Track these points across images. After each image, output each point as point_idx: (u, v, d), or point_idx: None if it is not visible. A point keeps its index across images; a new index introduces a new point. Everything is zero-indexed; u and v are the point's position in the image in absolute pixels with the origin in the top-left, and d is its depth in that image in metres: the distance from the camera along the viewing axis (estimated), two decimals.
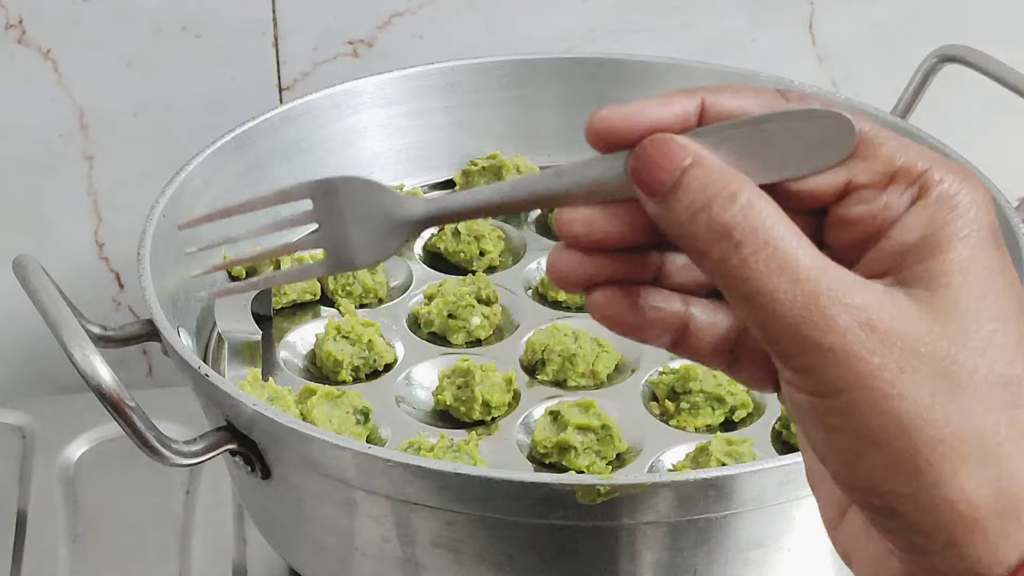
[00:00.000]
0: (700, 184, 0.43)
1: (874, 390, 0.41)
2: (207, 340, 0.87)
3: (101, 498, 1.00)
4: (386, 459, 0.67)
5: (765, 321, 0.42)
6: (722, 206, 0.42)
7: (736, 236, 0.42)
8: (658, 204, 0.43)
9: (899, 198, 0.43)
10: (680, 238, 0.43)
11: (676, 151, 0.43)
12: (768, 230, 0.42)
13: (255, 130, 0.94)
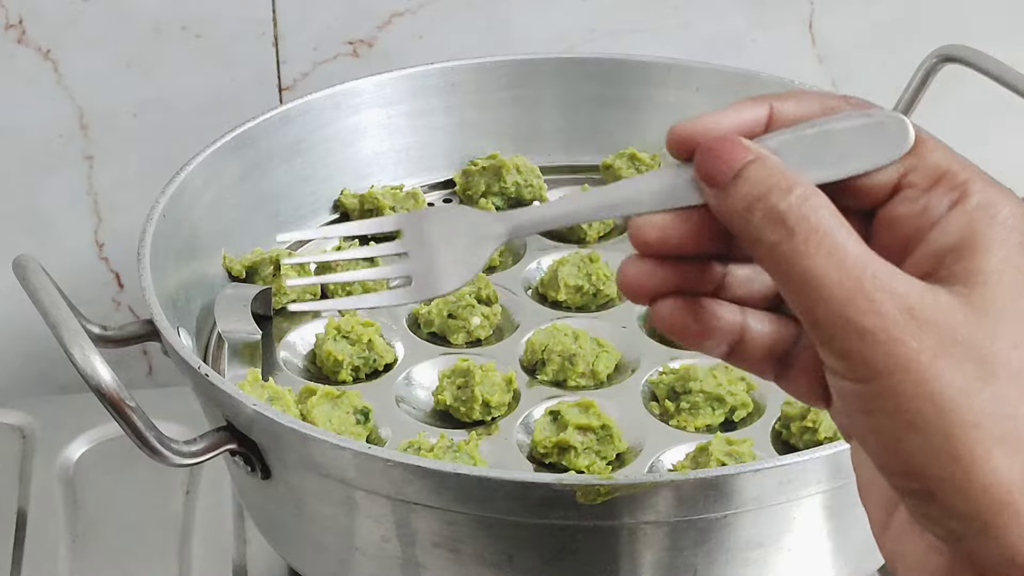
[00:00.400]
0: (759, 176, 0.46)
1: (912, 372, 0.43)
2: (207, 340, 0.87)
3: (101, 498, 1.00)
4: (386, 459, 0.67)
5: (811, 303, 0.44)
6: (778, 196, 0.45)
7: (789, 223, 0.45)
8: (719, 194, 0.47)
9: (939, 201, 0.46)
10: (737, 225, 0.46)
11: (739, 147, 0.47)
12: (820, 219, 0.44)
13: (255, 130, 0.94)
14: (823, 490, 0.69)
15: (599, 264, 0.92)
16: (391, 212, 0.96)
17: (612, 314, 0.91)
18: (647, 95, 1.03)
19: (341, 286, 0.91)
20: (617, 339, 0.88)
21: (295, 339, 0.89)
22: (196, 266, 0.88)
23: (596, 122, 1.05)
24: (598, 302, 0.92)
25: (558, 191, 1.02)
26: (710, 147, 0.47)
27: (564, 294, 0.91)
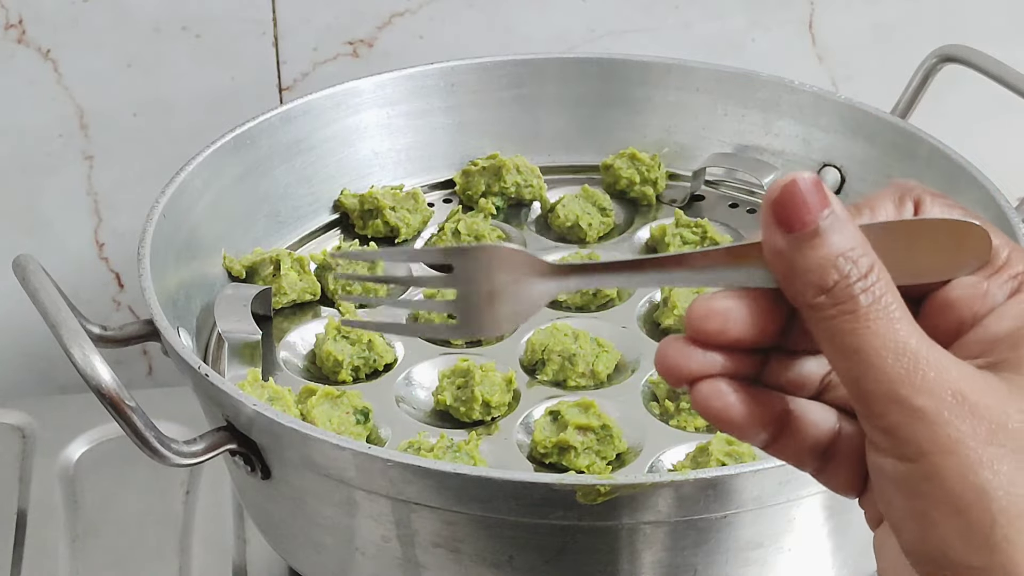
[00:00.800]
0: (842, 241, 0.43)
1: (960, 456, 0.42)
2: (207, 340, 0.87)
3: (101, 498, 1.00)
4: (386, 459, 0.67)
5: (861, 375, 0.43)
6: (857, 273, 0.43)
7: (860, 302, 0.43)
8: (790, 243, 0.43)
9: (998, 289, 0.46)
10: (797, 283, 0.43)
11: (824, 195, 0.44)
12: (884, 294, 0.43)
13: (255, 130, 0.94)
14: (823, 490, 0.69)
15: None
16: (391, 212, 0.96)
17: (612, 314, 0.91)
18: (647, 95, 1.03)
19: (341, 286, 0.91)
20: (617, 339, 0.88)
21: (295, 339, 0.89)
22: (196, 266, 0.88)
23: (596, 122, 1.05)
24: (598, 302, 0.92)
25: (558, 191, 1.02)
26: (795, 189, 0.44)
27: (563, 294, 0.91)
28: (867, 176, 0.97)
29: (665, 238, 0.96)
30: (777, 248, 0.44)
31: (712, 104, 1.02)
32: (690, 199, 1.03)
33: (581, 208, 0.98)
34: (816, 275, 0.43)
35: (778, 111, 1.00)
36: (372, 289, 0.91)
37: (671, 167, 1.04)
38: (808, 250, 0.43)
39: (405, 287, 0.94)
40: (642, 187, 1.01)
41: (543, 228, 1.00)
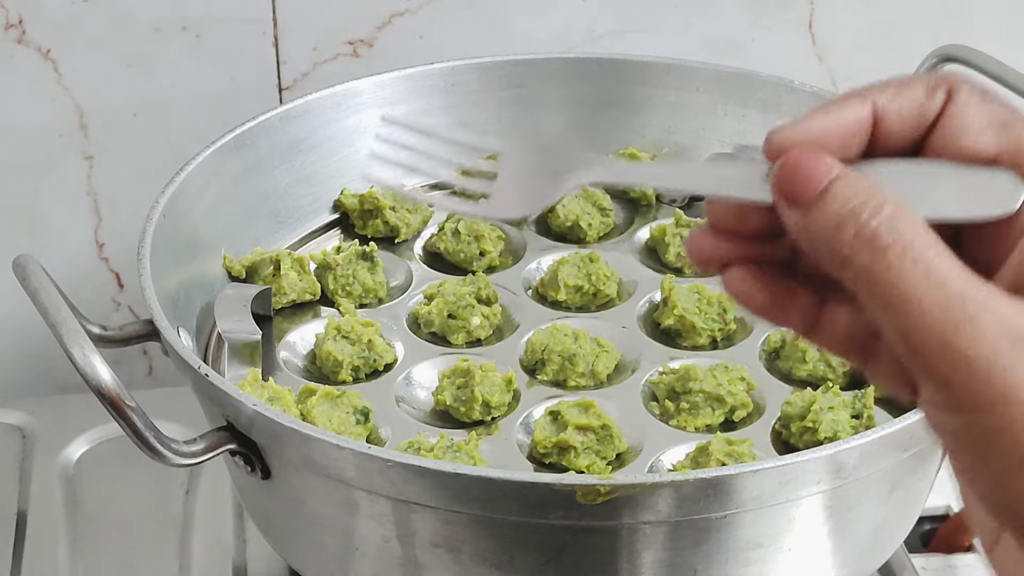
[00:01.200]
0: (848, 193, 0.43)
1: None
2: (207, 340, 0.87)
3: (101, 498, 1.00)
4: (386, 459, 0.67)
5: (909, 328, 0.41)
6: (871, 213, 0.42)
7: (883, 241, 0.42)
8: (801, 214, 0.44)
9: None
10: (823, 247, 0.43)
11: (824, 162, 0.44)
12: (914, 237, 0.42)
13: (255, 130, 0.94)
14: (823, 490, 0.69)
15: (599, 264, 0.92)
16: (391, 212, 0.96)
17: (612, 314, 0.91)
18: (647, 95, 1.03)
19: (341, 286, 0.91)
20: (617, 339, 0.88)
21: (295, 339, 0.89)
22: (196, 266, 0.88)
23: (596, 122, 1.05)
24: (598, 302, 0.92)
25: None
26: (792, 163, 0.44)
27: (564, 294, 0.91)
28: None
29: (665, 238, 0.96)
30: (793, 224, 0.44)
31: (712, 104, 1.02)
32: (690, 199, 1.03)
33: (581, 208, 0.98)
34: (835, 233, 0.43)
35: (778, 111, 1.00)
36: (372, 290, 0.91)
37: None
38: (819, 215, 0.43)
39: (406, 287, 0.94)
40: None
41: (543, 228, 1.00)
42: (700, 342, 0.88)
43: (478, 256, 0.95)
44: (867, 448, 0.68)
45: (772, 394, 0.83)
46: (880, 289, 0.42)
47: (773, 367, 0.87)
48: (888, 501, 0.75)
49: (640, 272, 0.95)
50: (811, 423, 0.78)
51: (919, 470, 0.76)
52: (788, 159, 0.44)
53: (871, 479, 0.72)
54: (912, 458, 0.72)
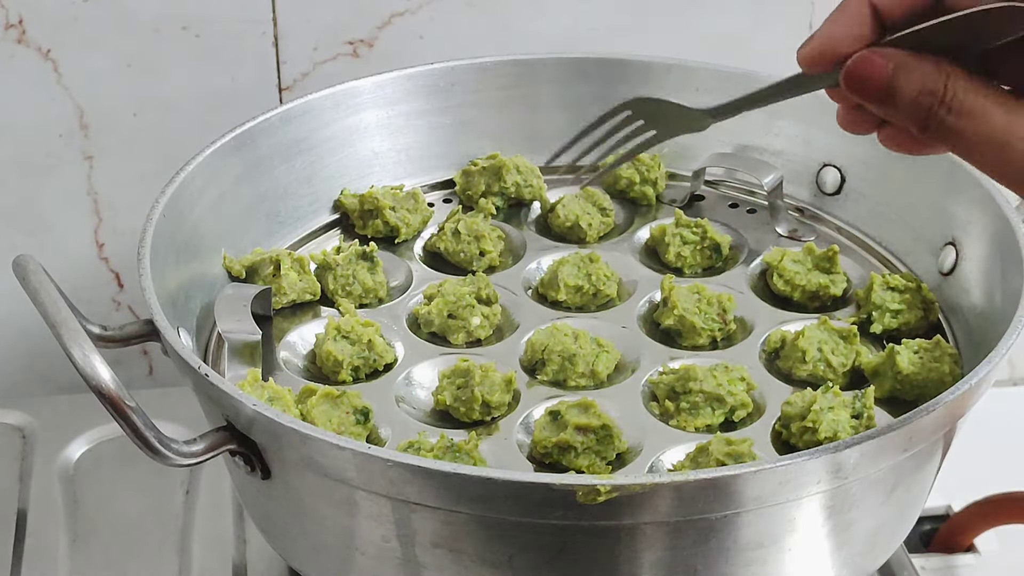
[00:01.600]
0: (909, 79, 0.57)
1: None
2: (207, 340, 0.87)
3: (101, 498, 1.00)
4: (386, 459, 0.67)
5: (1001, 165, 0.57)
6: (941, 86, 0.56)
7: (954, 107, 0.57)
8: (882, 106, 0.58)
9: None
10: (910, 122, 0.58)
11: (878, 63, 0.58)
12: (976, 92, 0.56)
13: (255, 130, 0.94)
14: (823, 490, 0.69)
15: (599, 264, 0.92)
16: (391, 212, 0.96)
17: (612, 314, 0.91)
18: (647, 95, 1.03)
19: (341, 286, 0.91)
20: (617, 339, 0.88)
21: (295, 339, 0.89)
22: (196, 266, 0.88)
23: None
24: (598, 302, 0.92)
25: (558, 191, 1.02)
26: (853, 73, 0.58)
27: (564, 294, 0.91)
28: (867, 176, 0.97)
29: (665, 238, 0.96)
30: (883, 114, 0.59)
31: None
32: (690, 199, 1.03)
33: (581, 208, 0.99)
34: (917, 110, 0.57)
35: (778, 111, 1.00)
36: (372, 290, 0.91)
37: (671, 167, 1.04)
38: (896, 103, 0.58)
39: (406, 287, 0.94)
40: (642, 187, 1.01)
41: (543, 228, 1.00)
42: (700, 342, 0.88)
43: (478, 256, 0.95)
44: (867, 448, 0.68)
45: (772, 394, 0.83)
46: (964, 142, 0.57)
47: (773, 367, 0.87)
48: (888, 501, 0.75)
49: (640, 272, 0.95)
50: (811, 423, 0.78)
51: (919, 470, 0.76)
52: (848, 70, 0.58)
53: (871, 479, 0.72)
54: (912, 458, 0.72)
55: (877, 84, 0.58)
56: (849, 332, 0.86)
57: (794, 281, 0.92)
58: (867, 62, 0.58)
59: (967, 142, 0.57)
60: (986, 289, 0.86)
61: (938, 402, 0.70)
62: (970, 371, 0.73)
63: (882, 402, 0.83)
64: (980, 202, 0.88)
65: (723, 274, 0.95)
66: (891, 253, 0.96)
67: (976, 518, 1.07)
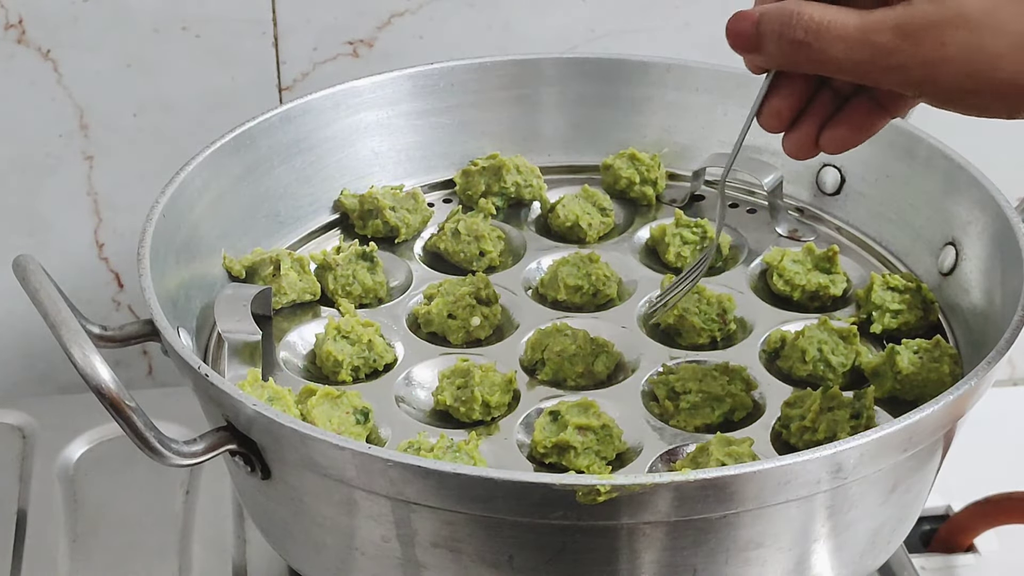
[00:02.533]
0: (769, 19, 0.67)
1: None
2: (207, 340, 0.87)
3: (101, 498, 1.00)
4: (386, 459, 0.67)
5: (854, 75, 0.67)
6: (791, 26, 0.67)
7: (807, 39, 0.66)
8: (757, 52, 0.69)
9: None
10: (785, 64, 0.69)
11: (747, 15, 0.69)
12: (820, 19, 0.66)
13: (255, 130, 0.94)
14: (823, 490, 0.69)
15: (599, 264, 0.92)
16: (391, 212, 0.96)
17: (612, 314, 0.91)
18: (647, 95, 1.03)
19: (341, 286, 0.91)
20: (617, 339, 0.88)
21: (295, 339, 0.89)
22: (196, 266, 0.88)
23: (596, 122, 1.05)
24: (598, 302, 0.92)
25: (558, 191, 1.02)
26: (730, 31, 0.69)
27: (564, 294, 0.91)
28: (867, 176, 0.97)
29: (665, 238, 0.96)
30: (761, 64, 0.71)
31: (712, 104, 1.02)
32: (690, 199, 1.03)
33: (581, 208, 0.99)
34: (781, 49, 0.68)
35: None
36: (372, 290, 0.91)
37: (671, 167, 1.04)
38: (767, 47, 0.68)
39: (406, 287, 0.94)
40: (642, 187, 1.01)
41: (543, 228, 1.00)
42: (700, 342, 0.88)
43: (478, 256, 0.95)
44: (867, 448, 0.68)
45: (772, 394, 0.83)
46: (822, 64, 0.67)
47: (773, 367, 0.87)
48: (888, 501, 0.75)
49: (640, 272, 0.95)
50: (811, 423, 0.78)
51: (919, 470, 0.76)
52: (727, 28, 0.69)
53: (871, 479, 0.72)
54: (912, 458, 0.72)
55: (747, 31, 0.68)
56: (849, 332, 0.86)
57: (794, 281, 0.92)
58: (738, 17, 0.69)
59: (835, 56, 0.66)
60: (986, 289, 0.86)
61: (938, 402, 0.70)
62: (970, 371, 0.73)
63: (882, 402, 0.83)
64: (980, 202, 0.88)
65: (723, 274, 0.95)
66: (891, 253, 0.96)
67: (976, 518, 1.07)
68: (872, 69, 0.66)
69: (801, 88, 0.73)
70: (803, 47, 0.67)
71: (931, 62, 0.65)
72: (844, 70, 0.67)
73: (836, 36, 0.66)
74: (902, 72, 0.66)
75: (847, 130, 0.73)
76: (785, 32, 0.67)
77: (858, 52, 0.66)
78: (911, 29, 0.65)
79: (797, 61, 0.68)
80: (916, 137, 0.93)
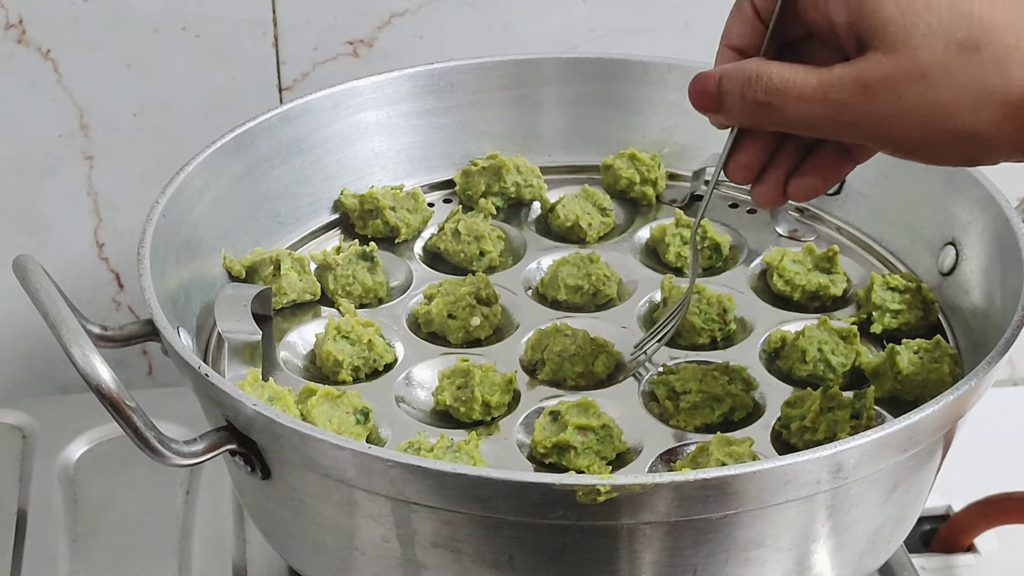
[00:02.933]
0: (731, 79, 0.69)
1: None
2: (207, 340, 0.87)
3: (101, 498, 1.00)
4: (386, 459, 0.67)
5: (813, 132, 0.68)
6: (752, 88, 0.68)
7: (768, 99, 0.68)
8: (719, 113, 0.71)
9: None
10: (748, 124, 0.70)
11: (708, 75, 0.70)
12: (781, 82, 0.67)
13: (255, 130, 0.94)
14: (823, 490, 0.69)
15: (599, 264, 0.92)
16: (391, 212, 0.96)
17: (612, 314, 0.91)
18: (647, 95, 1.03)
19: (341, 286, 0.91)
20: (617, 339, 0.88)
21: (295, 339, 0.89)
22: (196, 266, 0.88)
23: (596, 122, 1.05)
24: (598, 302, 0.92)
25: (558, 191, 1.02)
26: (692, 92, 0.71)
27: (564, 294, 0.91)
28: (867, 176, 0.97)
29: (665, 238, 0.96)
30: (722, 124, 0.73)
31: None
32: (690, 199, 1.03)
33: (581, 208, 0.99)
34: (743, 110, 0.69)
35: None
36: (372, 290, 0.91)
37: (671, 167, 1.04)
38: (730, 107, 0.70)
39: (406, 287, 0.94)
40: (642, 187, 1.01)
41: (543, 228, 1.00)
42: (700, 342, 0.88)
43: (478, 256, 0.95)
44: (867, 448, 0.68)
45: (772, 394, 0.83)
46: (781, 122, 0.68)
47: (773, 367, 0.87)
48: (888, 501, 0.75)
49: (640, 272, 0.95)
50: (811, 423, 0.78)
51: (919, 470, 0.76)
52: (689, 89, 0.71)
53: (871, 479, 0.72)
54: (912, 458, 0.72)
55: (709, 91, 0.70)
56: (849, 332, 0.86)
57: (794, 281, 0.92)
58: (700, 77, 0.70)
59: (796, 116, 0.67)
60: (986, 289, 0.86)
61: (938, 402, 0.70)
62: (970, 371, 0.73)
63: (882, 402, 0.83)
64: (980, 202, 0.88)
65: (723, 274, 0.95)
66: (891, 253, 0.96)
67: (976, 518, 1.07)
68: (832, 125, 0.67)
69: (766, 140, 0.73)
70: (764, 108, 0.68)
71: (888, 115, 0.66)
72: (805, 128, 0.68)
73: (797, 96, 0.67)
74: (861, 127, 0.67)
75: (814, 179, 0.74)
76: (747, 93, 0.68)
77: (818, 109, 0.66)
78: (868, 84, 0.65)
79: (759, 121, 0.69)
80: None
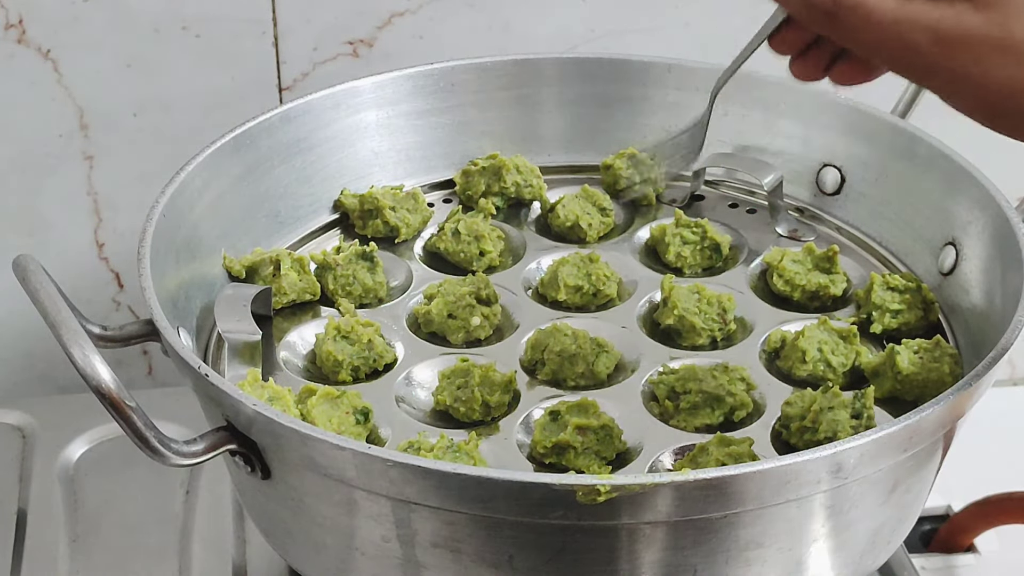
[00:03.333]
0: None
1: None
2: (207, 340, 0.87)
3: (101, 498, 1.00)
4: (386, 459, 0.67)
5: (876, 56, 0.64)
6: None
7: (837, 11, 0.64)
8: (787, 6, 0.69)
9: None
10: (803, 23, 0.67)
11: None
12: None
13: (255, 130, 0.94)
14: (823, 490, 0.69)
15: (599, 264, 0.92)
16: (391, 212, 0.96)
17: (612, 314, 0.91)
18: (647, 95, 1.03)
19: (341, 286, 0.91)
20: (617, 339, 0.88)
21: (295, 339, 0.89)
22: (196, 266, 0.88)
23: (596, 122, 1.05)
24: (598, 302, 0.92)
25: (558, 191, 1.02)
26: None
27: (564, 294, 0.91)
28: (867, 176, 0.97)
29: (665, 238, 0.96)
30: None
31: None
32: (690, 199, 1.03)
33: (581, 208, 0.99)
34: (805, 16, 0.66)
35: (778, 111, 1.00)
36: (372, 290, 0.91)
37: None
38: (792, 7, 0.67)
39: (406, 287, 0.94)
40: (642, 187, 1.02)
41: (543, 228, 1.00)
42: (700, 342, 0.88)
43: (478, 256, 0.95)
44: (867, 448, 0.68)
45: (772, 394, 0.83)
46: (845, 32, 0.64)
47: (773, 367, 0.87)
48: (888, 501, 0.75)
49: (640, 272, 0.95)
50: (811, 423, 0.78)
51: (919, 470, 0.76)
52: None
53: (871, 479, 0.72)
54: (912, 458, 0.72)
55: None
56: (849, 332, 0.86)
57: (794, 281, 0.92)
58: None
59: (862, 39, 0.63)
60: (986, 289, 0.86)
61: (938, 402, 0.70)
62: (970, 371, 0.73)
63: (882, 402, 0.83)
64: (980, 202, 0.88)
65: (723, 274, 0.95)
66: (891, 253, 0.96)
67: (976, 518, 1.07)
68: (898, 62, 0.63)
69: None
70: (830, 19, 0.64)
71: (963, 77, 0.61)
72: (868, 52, 0.64)
73: (868, 20, 0.62)
74: (930, 76, 0.63)
75: (859, 70, 0.70)
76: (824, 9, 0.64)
77: (886, 42, 0.62)
78: (947, 37, 0.61)
79: (821, 27, 0.65)
80: (916, 137, 0.93)
